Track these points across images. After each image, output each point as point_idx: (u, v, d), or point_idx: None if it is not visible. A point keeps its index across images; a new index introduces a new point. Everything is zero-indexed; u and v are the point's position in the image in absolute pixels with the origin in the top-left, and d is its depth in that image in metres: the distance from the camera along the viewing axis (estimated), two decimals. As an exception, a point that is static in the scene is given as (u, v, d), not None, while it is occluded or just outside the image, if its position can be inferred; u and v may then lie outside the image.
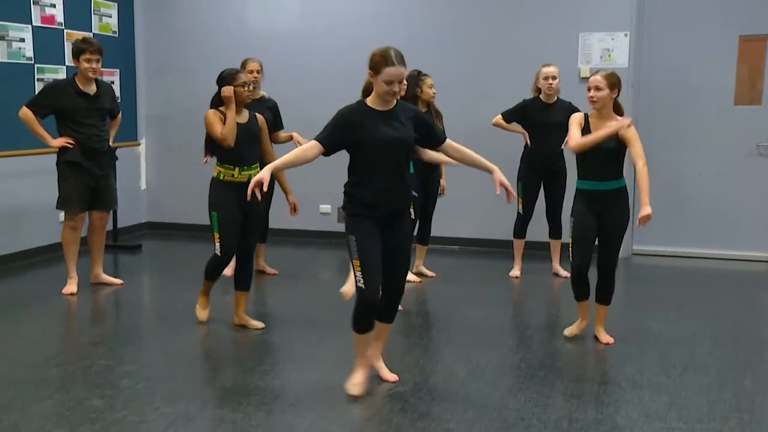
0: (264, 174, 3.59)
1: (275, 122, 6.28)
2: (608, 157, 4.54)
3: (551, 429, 3.52)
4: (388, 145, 3.71)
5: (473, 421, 3.60)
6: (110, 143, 6.11)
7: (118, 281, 6.17)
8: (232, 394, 3.93)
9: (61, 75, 6.87)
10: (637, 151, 4.47)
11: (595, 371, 4.38)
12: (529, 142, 6.32)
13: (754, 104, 7.11)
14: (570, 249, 4.70)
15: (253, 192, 3.61)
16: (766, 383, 4.17)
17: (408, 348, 4.71)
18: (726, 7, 7.08)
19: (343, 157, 4.80)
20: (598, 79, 4.52)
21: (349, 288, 5.21)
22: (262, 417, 3.65)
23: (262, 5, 8.00)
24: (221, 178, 4.86)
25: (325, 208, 7.95)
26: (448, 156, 3.99)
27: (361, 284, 3.74)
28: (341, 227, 5.66)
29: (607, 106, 4.56)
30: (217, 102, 4.85)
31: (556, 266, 6.57)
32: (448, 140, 3.94)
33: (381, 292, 3.87)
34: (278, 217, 7.53)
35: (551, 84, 6.18)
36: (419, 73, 5.79)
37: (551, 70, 6.21)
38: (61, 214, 6.19)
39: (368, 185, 3.76)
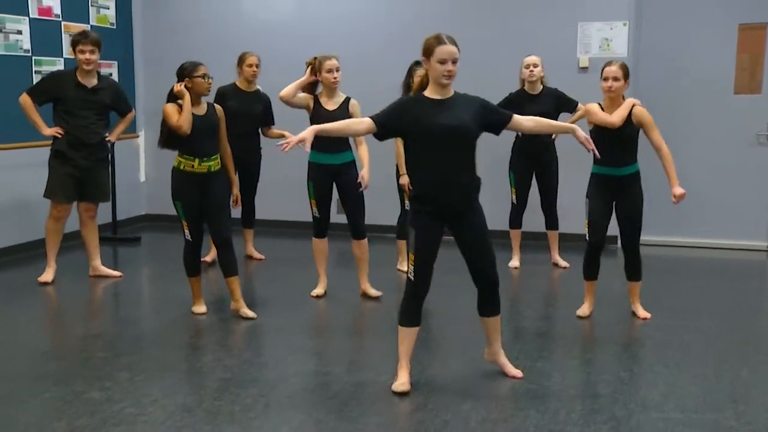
0: (306, 134, 3.54)
1: (266, 117, 6.32)
2: (626, 142, 4.80)
3: (548, 419, 3.53)
4: (440, 133, 3.64)
5: (470, 412, 3.62)
6: (113, 138, 6.10)
7: (117, 273, 6.17)
8: (230, 386, 3.94)
9: (59, 67, 6.87)
10: (658, 137, 4.75)
11: (592, 362, 4.39)
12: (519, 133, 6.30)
13: (754, 93, 7.08)
14: (586, 229, 4.95)
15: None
16: (763, 374, 4.18)
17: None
18: (725, -4, 7.06)
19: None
20: (615, 70, 4.75)
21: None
22: (260, 409, 3.67)
23: (260, -4, 7.98)
24: (182, 168, 4.91)
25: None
26: (523, 130, 4.03)
27: (411, 276, 3.78)
28: (341, 218, 5.71)
29: (620, 94, 4.80)
30: (175, 96, 4.87)
31: (555, 256, 6.57)
32: (515, 116, 3.88)
33: (477, 286, 3.92)
34: (277, 209, 7.55)
35: (532, 71, 6.17)
36: (416, 63, 5.79)
37: (532, 58, 6.23)
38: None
39: (423, 178, 3.73)
